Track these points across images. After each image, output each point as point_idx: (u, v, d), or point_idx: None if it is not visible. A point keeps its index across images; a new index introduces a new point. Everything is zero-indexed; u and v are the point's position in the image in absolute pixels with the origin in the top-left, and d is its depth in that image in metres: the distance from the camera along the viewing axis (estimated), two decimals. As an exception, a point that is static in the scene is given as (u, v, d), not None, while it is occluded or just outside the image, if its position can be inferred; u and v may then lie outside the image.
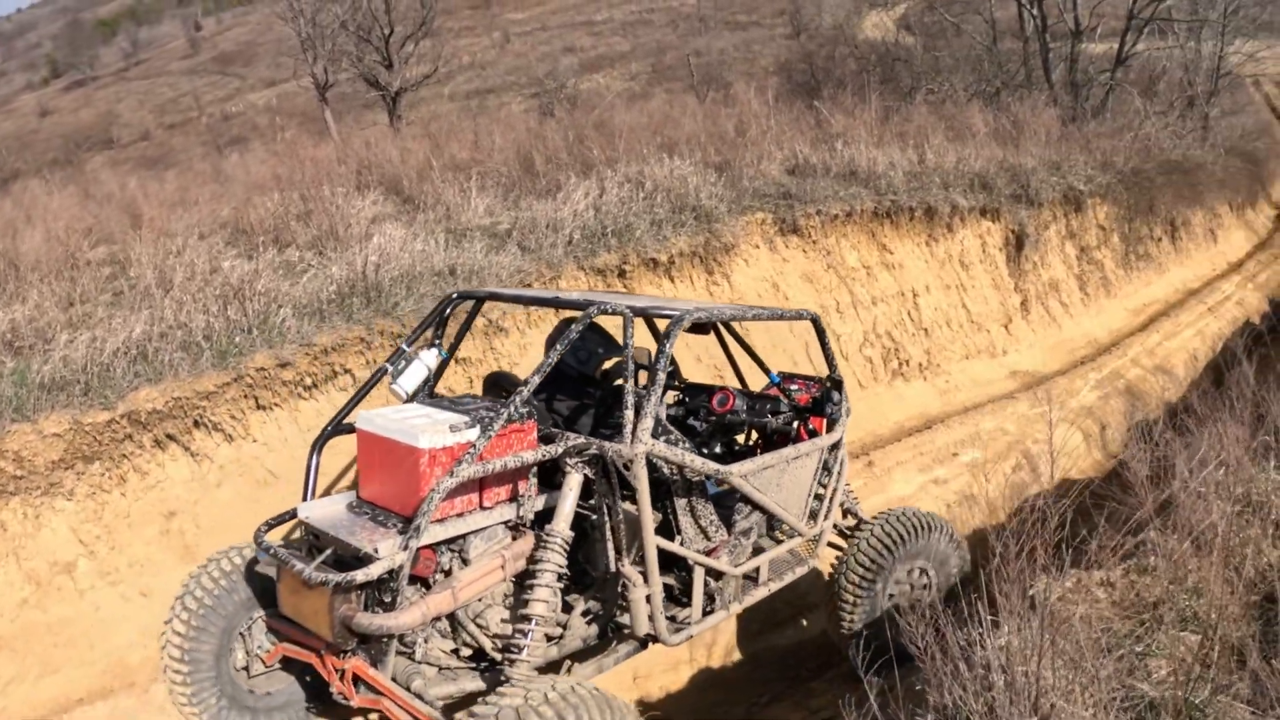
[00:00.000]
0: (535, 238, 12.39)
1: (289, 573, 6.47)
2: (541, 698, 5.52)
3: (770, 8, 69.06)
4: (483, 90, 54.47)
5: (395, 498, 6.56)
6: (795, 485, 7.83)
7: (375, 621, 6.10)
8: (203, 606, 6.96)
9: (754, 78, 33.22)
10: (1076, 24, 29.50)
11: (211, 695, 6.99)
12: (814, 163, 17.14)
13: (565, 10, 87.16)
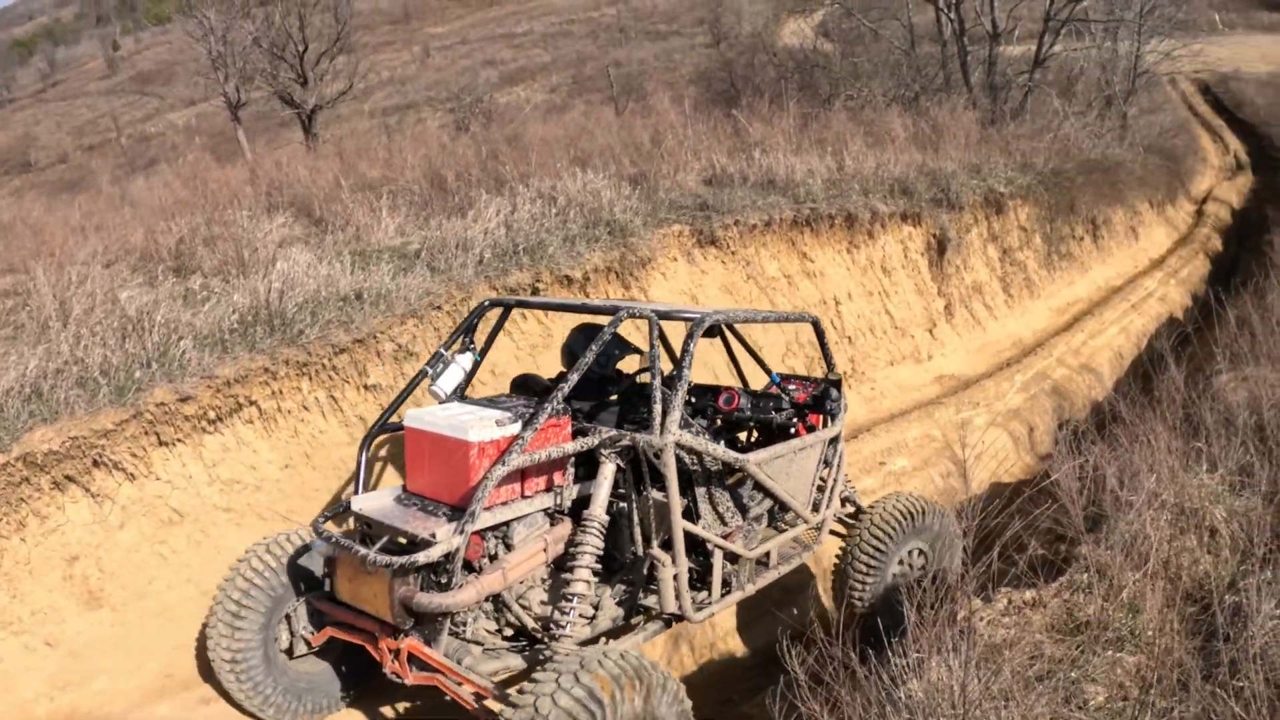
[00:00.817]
0: (445, 258, 12.07)
1: (347, 559, 7.12)
2: (595, 662, 6.10)
3: (690, 17, 69.09)
4: (403, 105, 54.04)
5: (444, 489, 7.24)
6: (801, 475, 8.60)
7: (435, 600, 6.71)
8: (250, 590, 7.53)
9: (674, 87, 33.10)
10: (994, 27, 29.56)
11: (258, 676, 7.57)
12: (732, 172, 16.98)
13: (486, 23, 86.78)
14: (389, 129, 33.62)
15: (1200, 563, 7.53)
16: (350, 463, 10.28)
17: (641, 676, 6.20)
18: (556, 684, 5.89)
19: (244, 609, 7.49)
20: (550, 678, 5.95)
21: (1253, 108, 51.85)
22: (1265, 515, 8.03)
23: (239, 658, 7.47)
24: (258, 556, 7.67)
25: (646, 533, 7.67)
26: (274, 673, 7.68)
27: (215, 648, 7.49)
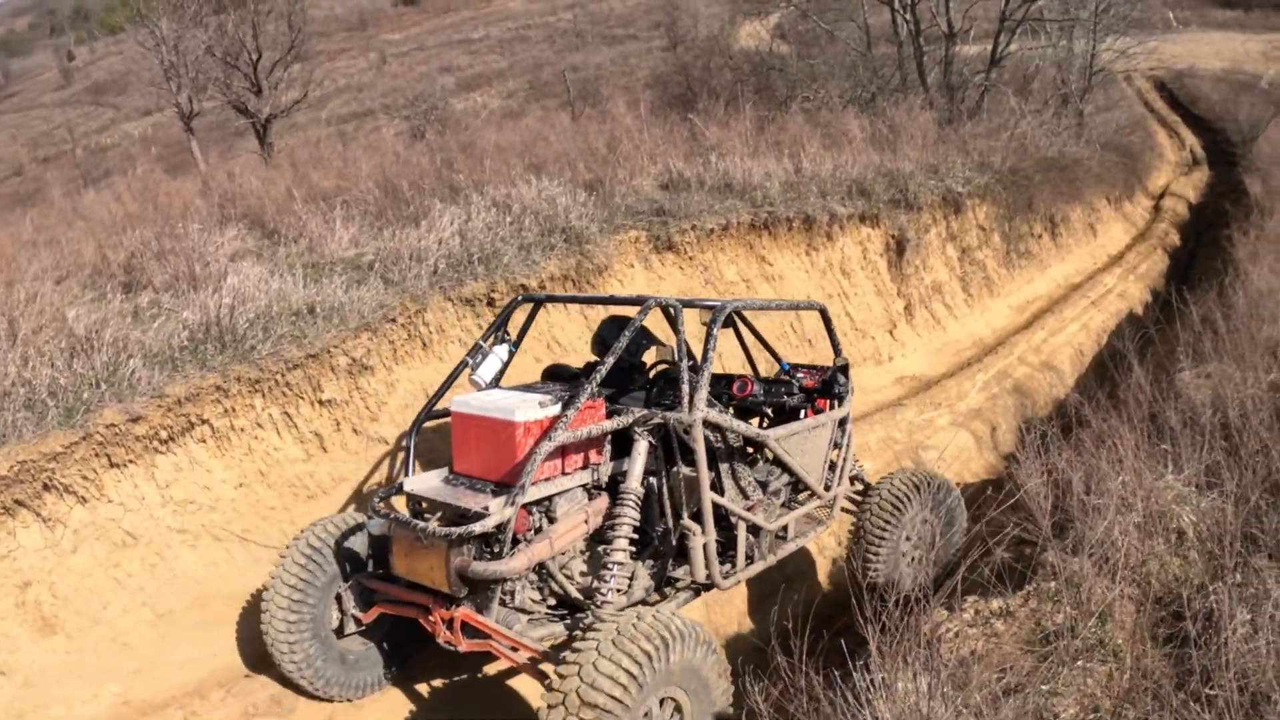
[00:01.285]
0: (399, 269, 11.93)
1: (403, 535, 7.58)
2: (639, 622, 6.56)
3: (646, 20, 69.02)
4: (359, 113, 53.80)
5: (491, 467, 7.78)
6: (814, 453, 9.25)
7: (490, 568, 7.22)
8: (303, 574, 8.06)
9: (630, 91, 32.96)
10: (950, 27, 29.55)
11: (312, 654, 8.09)
12: (689, 176, 16.83)
13: (442, 29, 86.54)
14: (344, 137, 33.43)
15: (1168, 567, 7.47)
16: (306, 479, 10.22)
17: (681, 633, 6.64)
18: (606, 642, 6.36)
19: (298, 591, 8.02)
20: (599, 636, 6.42)
21: (1208, 103, 52.18)
22: (1234, 517, 7.97)
23: (294, 637, 7.99)
24: (307, 541, 8.21)
25: (676, 506, 8.24)
26: (325, 651, 8.20)
27: (272, 629, 7.97)
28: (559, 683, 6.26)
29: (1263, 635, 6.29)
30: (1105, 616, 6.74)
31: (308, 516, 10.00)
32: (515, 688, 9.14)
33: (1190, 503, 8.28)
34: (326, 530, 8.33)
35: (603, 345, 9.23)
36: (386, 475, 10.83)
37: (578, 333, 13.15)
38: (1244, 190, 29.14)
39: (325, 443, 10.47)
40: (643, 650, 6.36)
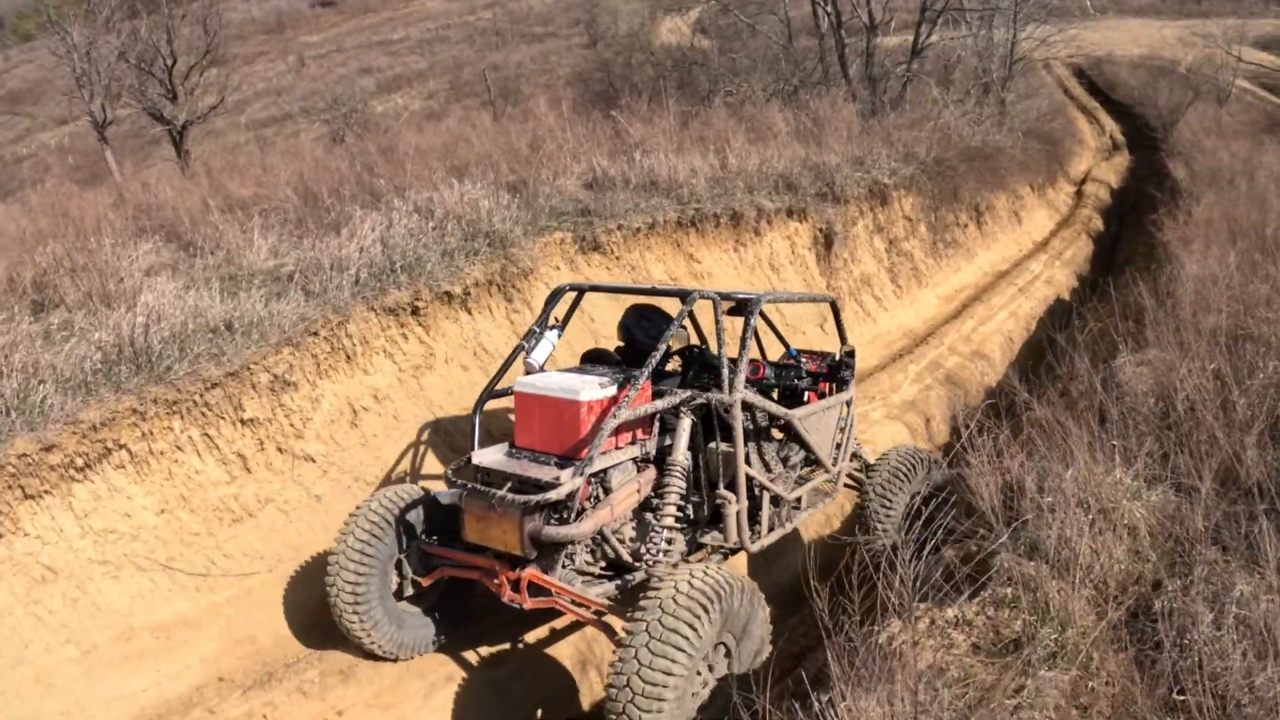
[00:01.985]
0: (320, 280, 11.62)
1: (475, 505, 8.35)
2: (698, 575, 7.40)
3: (566, 18, 68.88)
4: (279, 117, 53.21)
5: (553, 442, 8.57)
6: (825, 431, 10.23)
7: (562, 531, 8.13)
8: (369, 541, 8.77)
9: (552, 90, 32.82)
10: (871, 18, 29.56)
11: (375, 614, 8.83)
12: (613, 175, 16.67)
13: (361, 30, 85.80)
14: (263, 142, 33.03)
15: (1119, 563, 7.35)
16: (230, 502, 9.93)
17: (730, 586, 7.47)
18: (668, 599, 7.15)
19: (364, 558, 8.74)
20: (662, 594, 7.22)
21: (1126, 89, 52.71)
22: (1189, 511, 7.87)
23: (360, 600, 8.74)
24: (371, 510, 8.92)
25: (712, 478, 9.18)
26: (386, 613, 8.94)
27: (339, 593, 8.72)
28: (629, 639, 7.07)
29: (1227, 635, 6.19)
30: (1065, 622, 6.60)
31: (233, 541, 9.77)
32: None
33: (1140, 497, 8.16)
34: (386, 502, 9.02)
35: (627, 333, 10.31)
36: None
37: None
38: (1167, 174, 29.29)
39: (249, 463, 10.16)
40: (700, 605, 7.16)
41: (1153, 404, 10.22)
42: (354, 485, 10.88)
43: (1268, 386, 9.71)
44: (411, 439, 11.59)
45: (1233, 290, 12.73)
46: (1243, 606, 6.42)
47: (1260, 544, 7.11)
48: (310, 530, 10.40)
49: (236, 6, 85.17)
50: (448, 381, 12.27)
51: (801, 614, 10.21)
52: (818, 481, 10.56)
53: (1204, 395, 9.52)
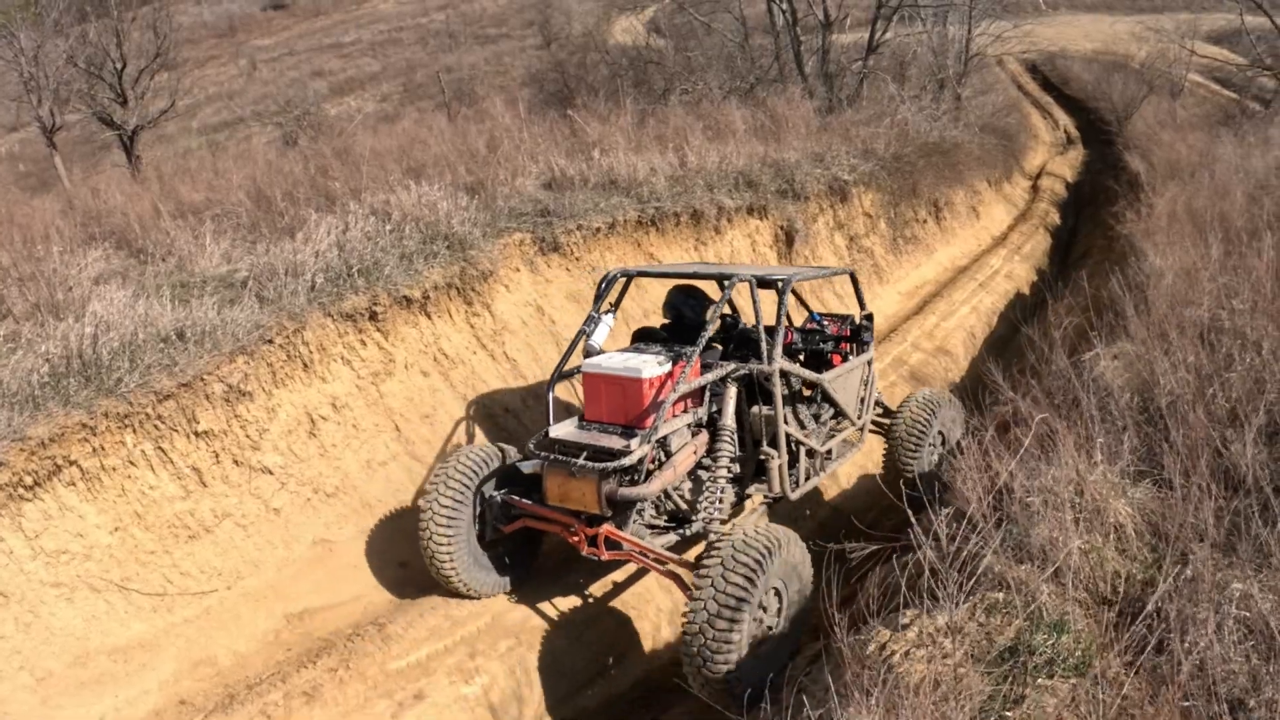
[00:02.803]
0: (275, 286, 11.37)
1: (555, 471, 9.49)
2: (752, 530, 8.89)
3: (519, 19, 68.73)
4: (230, 121, 52.74)
5: (619, 415, 9.78)
6: (851, 389, 11.68)
7: (636, 491, 9.33)
8: (458, 493, 9.92)
9: (507, 91, 32.63)
10: (826, 16, 29.52)
11: (462, 556, 9.98)
12: (572, 175, 16.50)
13: (313, 33, 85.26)
14: (215, 147, 32.63)
15: (1110, 563, 7.18)
16: (186, 518, 9.71)
17: (780, 540, 8.85)
18: (729, 556, 8.54)
19: (453, 506, 9.88)
20: (723, 552, 8.61)
21: (1079, 84, 52.97)
22: (1171, 504, 7.73)
23: (450, 544, 9.87)
24: (457, 465, 10.04)
25: (756, 437, 10.57)
26: (470, 556, 10.09)
27: (431, 537, 9.83)
28: (698, 593, 8.51)
29: (1229, 636, 6.04)
30: (1060, 627, 6.42)
31: (190, 559, 9.54)
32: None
33: (1126, 494, 8.01)
34: (469, 458, 10.12)
35: (675, 311, 11.49)
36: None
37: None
38: (1125, 168, 29.33)
39: (204, 477, 9.92)
40: (755, 560, 8.51)
41: (1130, 398, 10.09)
42: (313, 497, 10.67)
43: (1246, 379, 9.59)
44: (372, 449, 11.41)
45: (1214, 283, 12.66)
46: (1242, 606, 6.28)
47: (1249, 539, 7.00)
48: (269, 545, 10.19)
49: (187, 10, 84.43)
50: (408, 388, 12.05)
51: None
52: (847, 434, 11.85)
53: (1185, 389, 9.40)
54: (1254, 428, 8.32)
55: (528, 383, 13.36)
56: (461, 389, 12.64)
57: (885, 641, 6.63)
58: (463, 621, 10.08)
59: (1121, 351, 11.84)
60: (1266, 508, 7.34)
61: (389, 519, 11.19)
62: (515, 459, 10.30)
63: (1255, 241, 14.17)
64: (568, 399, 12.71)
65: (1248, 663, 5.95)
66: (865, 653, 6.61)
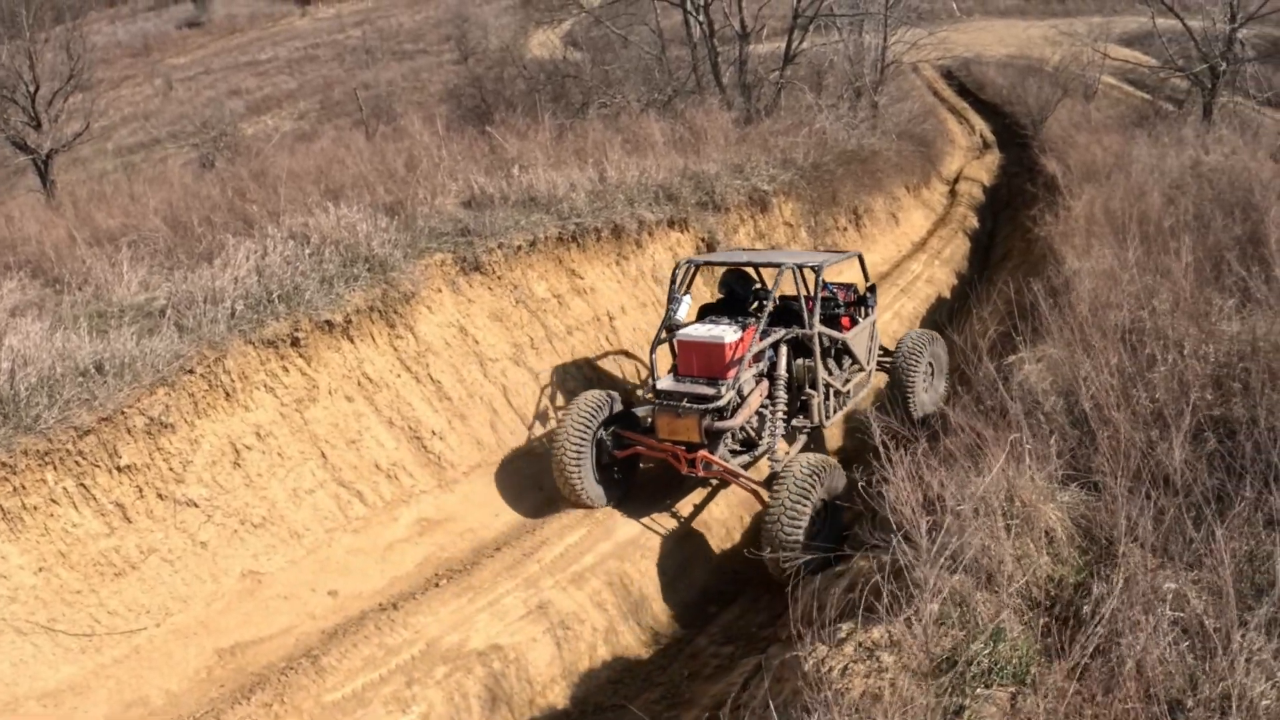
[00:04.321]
0: (194, 314, 11.27)
1: (668, 411, 12.37)
2: (807, 459, 11.71)
3: (436, 34, 68.54)
4: (147, 143, 52.18)
5: (707, 370, 12.61)
6: (863, 343, 14.86)
7: (724, 424, 12.35)
8: (585, 424, 12.73)
9: (425, 107, 32.52)
10: (743, 26, 29.60)
11: (587, 476, 12.75)
12: (491, 192, 16.46)
13: (229, 51, 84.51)
14: (132, 169, 32.26)
15: (1042, 568, 7.24)
16: (111, 555, 9.60)
17: (825, 466, 11.68)
18: (791, 479, 11.28)
19: (580, 435, 12.64)
20: (790, 475, 11.36)
21: (994, 88, 53.45)
22: (1099, 507, 7.81)
23: (577, 465, 12.60)
24: (581, 405, 12.90)
25: (800, 383, 13.74)
26: (592, 476, 12.84)
27: (563, 456, 12.56)
28: (774, 503, 11.26)
29: (1165, 637, 6.12)
30: (997, 635, 6.46)
31: (117, 597, 9.42)
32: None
33: (1055, 499, 8.08)
34: (589, 400, 12.97)
35: (729, 289, 14.62)
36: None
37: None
38: (1041, 170, 29.57)
39: (129, 512, 9.81)
40: (809, 480, 11.30)
41: (1055, 402, 10.19)
42: (240, 529, 10.58)
43: (1169, 379, 9.72)
44: (298, 476, 11.34)
45: (1135, 285, 12.83)
46: (1176, 607, 6.39)
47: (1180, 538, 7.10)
48: (197, 579, 10.09)
49: (101, 30, 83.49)
50: (332, 414, 11.98)
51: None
52: (860, 378, 15.02)
53: (1109, 391, 9.49)
54: (1180, 429, 8.43)
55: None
56: (387, 413, 12.60)
57: (823, 657, 6.66)
58: (397, 650, 10.02)
59: (1045, 355, 11.94)
60: (1196, 507, 7.44)
61: (318, 547, 11.09)
62: (636, 410, 13.50)
63: (1173, 241, 14.40)
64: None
65: (1184, 663, 6.03)
66: (804, 669, 6.62)
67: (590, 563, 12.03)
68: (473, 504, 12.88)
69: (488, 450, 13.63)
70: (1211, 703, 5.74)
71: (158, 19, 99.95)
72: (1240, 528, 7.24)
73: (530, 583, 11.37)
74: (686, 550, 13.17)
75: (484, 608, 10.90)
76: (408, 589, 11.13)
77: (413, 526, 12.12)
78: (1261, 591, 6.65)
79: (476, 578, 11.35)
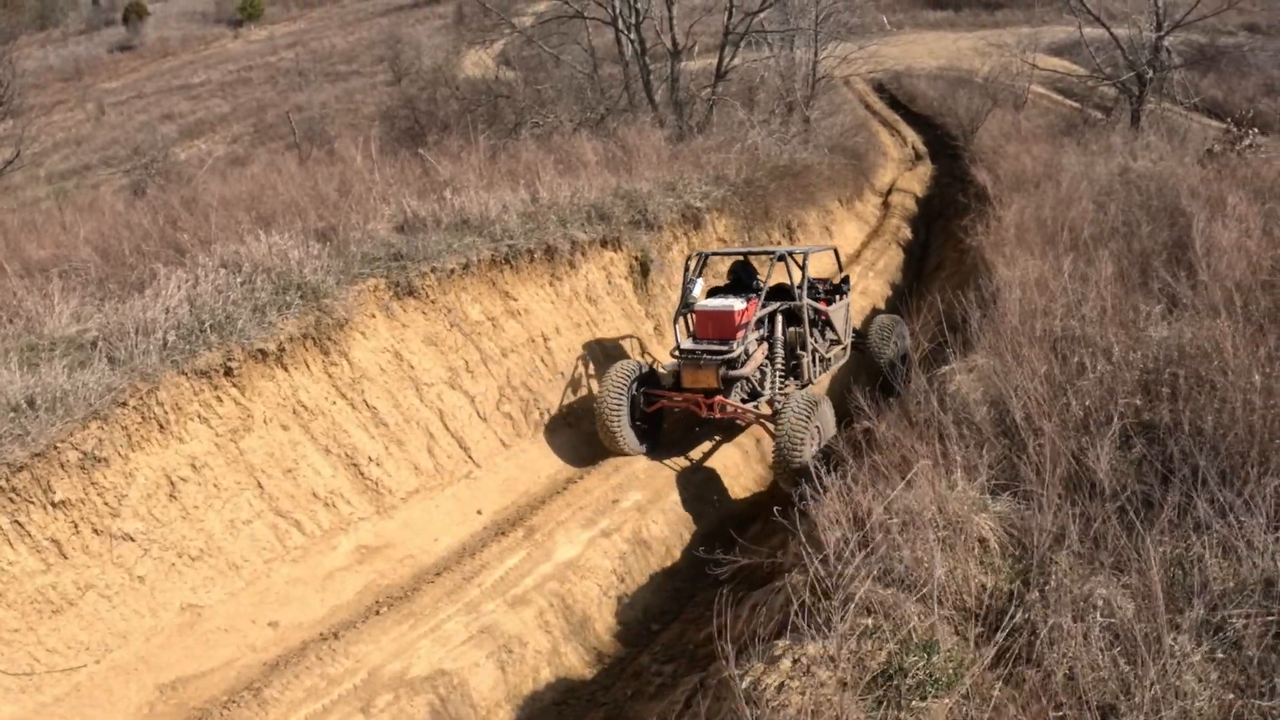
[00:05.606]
0: (126, 346, 11.19)
1: (690, 364, 15.00)
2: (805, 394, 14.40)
3: (369, 55, 68.47)
4: (79, 169, 51.79)
5: (719, 333, 15.19)
6: (842, 319, 17.82)
7: (739, 372, 14.95)
8: (622, 386, 15.19)
9: (358, 129, 32.42)
10: (674, 43, 29.74)
11: (625, 424, 15.22)
12: (424, 216, 16.42)
13: (161, 75, 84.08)
14: (63, 196, 32.01)
15: (974, 578, 7.32)
16: (48, 592, 9.50)
17: (817, 398, 14.35)
18: (792, 408, 13.87)
19: (618, 393, 15.15)
20: (790, 405, 13.99)
21: (925, 100, 53.93)
22: (1030, 515, 7.90)
23: (618, 417, 15.13)
24: (618, 371, 15.40)
25: (793, 346, 16.44)
26: (629, 428, 15.35)
27: (606, 413, 15.11)
28: (780, 428, 13.81)
29: (1096, 643, 6.22)
30: (930, 647, 6.52)
31: (55, 634, 9.36)
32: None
33: (987, 509, 8.15)
34: (623, 368, 15.47)
35: (736, 274, 17.46)
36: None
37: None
38: (972, 181, 29.82)
39: (64, 548, 9.75)
40: (807, 410, 13.89)
41: (986, 411, 10.28)
42: (178, 562, 10.52)
43: (1098, 386, 9.83)
44: (235, 507, 11.27)
45: (1065, 294, 12.94)
46: (1106, 613, 6.49)
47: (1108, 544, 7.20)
48: (136, 614, 10.03)
49: (32, 54, 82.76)
50: (268, 443, 11.94)
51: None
52: (837, 350, 17.79)
53: (1039, 400, 9.57)
54: (1107, 436, 8.55)
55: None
56: (323, 440, 12.56)
57: (759, 675, 6.70)
58: (339, 679, 10.02)
59: (975, 365, 12.00)
60: (1124, 512, 7.55)
61: (257, 578, 11.06)
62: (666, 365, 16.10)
63: (1102, 249, 14.59)
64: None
65: (1116, 668, 6.12)
66: (741, 687, 6.66)
67: (531, 585, 11.97)
68: (412, 530, 12.85)
69: (425, 475, 13.61)
70: (1144, 707, 5.81)
71: (89, 42, 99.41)
72: (1169, 532, 7.33)
73: (471, 607, 11.38)
74: (626, 569, 13.07)
75: (426, 634, 10.90)
76: (348, 617, 11.11)
77: (352, 554, 12.09)
78: (1191, 594, 6.73)
79: (417, 604, 11.36)
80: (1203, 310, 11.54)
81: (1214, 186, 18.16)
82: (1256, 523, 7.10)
